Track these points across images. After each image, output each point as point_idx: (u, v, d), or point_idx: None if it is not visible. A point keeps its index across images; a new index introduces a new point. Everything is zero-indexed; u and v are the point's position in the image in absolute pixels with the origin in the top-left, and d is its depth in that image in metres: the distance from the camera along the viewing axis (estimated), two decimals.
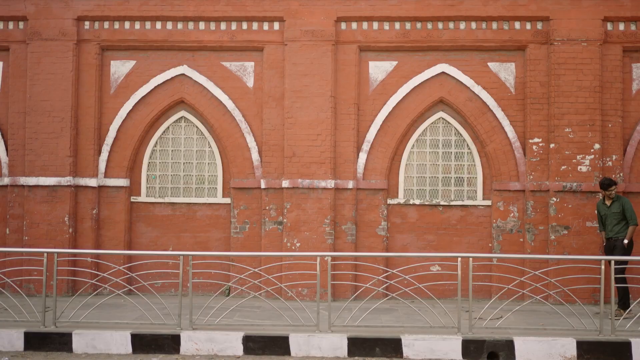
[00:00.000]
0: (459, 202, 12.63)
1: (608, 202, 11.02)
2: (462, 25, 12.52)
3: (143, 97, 12.88)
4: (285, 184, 12.36)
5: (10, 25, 12.92)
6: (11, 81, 12.90)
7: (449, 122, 12.81)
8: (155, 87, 12.89)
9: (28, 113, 12.66)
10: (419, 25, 12.54)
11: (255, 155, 12.73)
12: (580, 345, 8.51)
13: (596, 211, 11.35)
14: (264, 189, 12.53)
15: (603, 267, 8.88)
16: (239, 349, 8.71)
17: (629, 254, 10.75)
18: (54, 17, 12.71)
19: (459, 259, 9.09)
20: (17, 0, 12.77)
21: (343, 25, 12.62)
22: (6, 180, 12.78)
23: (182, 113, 13.08)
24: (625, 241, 10.73)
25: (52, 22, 12.70)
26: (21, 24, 12.90)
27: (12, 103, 12.87)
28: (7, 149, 12.92)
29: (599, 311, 8.92)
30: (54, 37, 12.69)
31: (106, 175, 12.85)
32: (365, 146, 12.59)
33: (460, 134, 12.79)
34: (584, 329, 8.91)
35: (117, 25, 12.83)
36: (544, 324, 9.57)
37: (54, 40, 12.70)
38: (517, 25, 12.45)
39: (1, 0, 12.77)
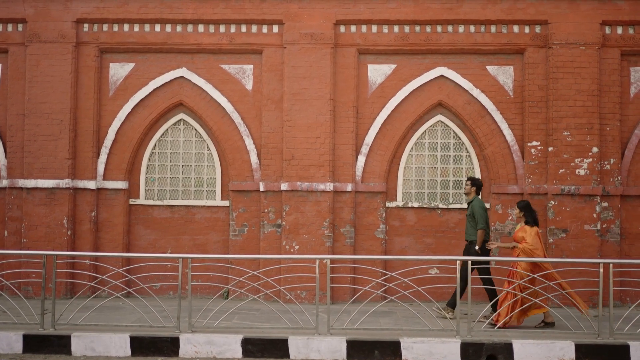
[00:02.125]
0: (458, 205, 12.64)
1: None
2: (461, 28, 12.55)
3: (142, 100, 12.89)
4: (284, 186, 12.37)
5: (9, 27, 12.92)
6: (10, 83, 12.90)
7: (447, 125, 12.84)
8: (154, 90, 12.90)
9: (27, 115, 12.65)
10: (417, 28, 12.57)
11: (254, 158, 12.73)
12: (579, 348, 8.52)
13: None
14: (263, 191, 12.53)
15: (601, 270, 8.89)
16: (237, 352, 8.70)
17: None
18: (53, 20, 12.71)
19: (458, 261, 9.10)
20: (16, 3, 12.76)
21: (342, 29, 12.64)
22: (4, 183, 12.77)
23: (181, 116, 13.09)
24: (476, 247, 10.34)
25: (51, 25, 12.70)
26: (20, 26, 12.90)
27: (11, 105, 12.86)
28: (5, 151, 12.91)
29: (598, 314, 8.93)
30: (53, 40, 12.69)
31: (105, 178, 12.85)
32: (364, 149, 12.61)
33: (459, 137, 12.81)
34: (582, 332, 8.92)
35: (116, 27, 12.83)
36: (542, 327, 9.57)
37: (52, 43, 12.70)
38: (515, 28, 12.48)
39: (0, 2, 12.76)
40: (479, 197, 10.80)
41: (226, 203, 12.87)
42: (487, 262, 10.13)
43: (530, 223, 9.92)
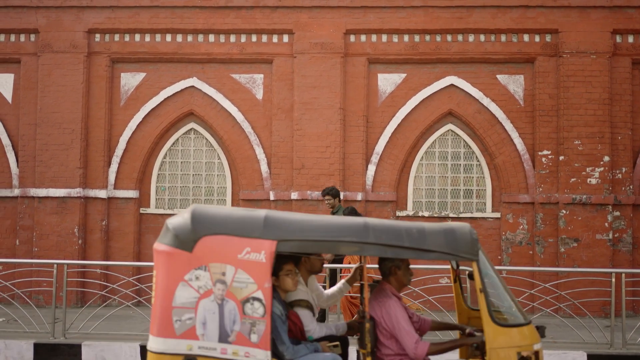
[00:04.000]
0: (468, 215, 12.60)
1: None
2: (471, 37, 12.55)
3: (153, 109, 12.94)
4: (294, 195, 12.37)
5: (22, 37, 13.03)
6: (22, 93, 12.99)
7: (457, 134, 12.82)
8: (165, 99, 12.95)
9: (38, 125, 12.74)
10: (427, 37, 12.58)
11: (264, 167, 12.75)
12: (591, 358, 8.46)
13: None
14: (273, 200, 12.54)
15: (614, 279, 8.83)
16: None
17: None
18: (65, 30, 12.81)
19: (468, 272, 9.04)
20: (29, 13, 12.88)
21: (352, 38, 12.66)
22: (16, 192, 12.84)
23: (192, 125, 13.13)
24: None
25: (63, 35, 12.80)
26: (32, 37, 13.01)
27: (23, 115, 12.95)
28: (17, 161, 12.99)
29: (610, 324, 8.86)
30: (65, 50, 12.79)
31: (116, 187, 12.90)
32: (374, 158, 12.60)
33: (469, 146, 12.78)
34: (594, 342, 8.85)
35: (127, 37, 12.92)
36: (554, 337, 9.49)
37: (64, 53, 12.79)
38: (525, 37, 12.47)
39: (13, 13, 12.89)
40: (341, 205, 10.45)
41: None
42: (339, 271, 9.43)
43: None
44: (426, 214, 12.63)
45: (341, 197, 10.87)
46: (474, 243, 4.67)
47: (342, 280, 5.88)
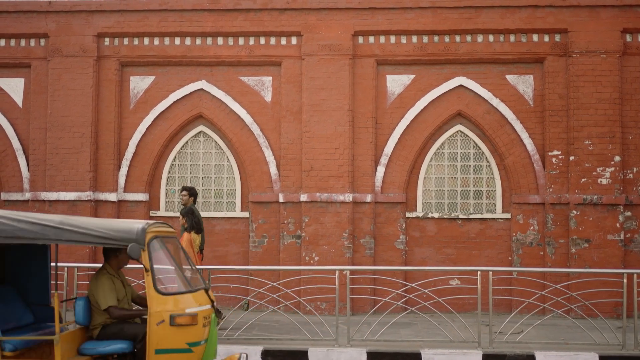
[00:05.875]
0: (478, 215, 12.56)
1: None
2: (480, 38, 12.51)
3: (162, 112, 12.98)
4: (303, 197, 12.37)
5: (32, 42, 13.10)
6: (32, 97, 13.07)
7: (467, 135, 12.78)
8: (174, 102, 12.99)
9: (49, 129, 12.80)
10: (436, 38, 12.55)
11: (273, 169, 12.76)
12: (603, 359, 8.39)
13: None
14: (282, 202, 12.54)
15: (625, 280, 8.77)
16: None
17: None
18: (74, 34, 12.88)
19: (479, 272, 9.03)
20: (39, 18, 12.95)
21: (360, 39, 12.65)
22: (27, 195, 12.91)
23: (201, 128, 13.16)
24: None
25: (73, 39, 12.86)
26: (42, 41, 13.08)
27: (33, 119, 13.03)
28: (28, 164, 13.06)
29: (622, 325, 8.80)
30: (75, 54, 12.85)
31: (126, 190, 12.94)
32: (383, 159, 12.58)
33: (479, 147, 12.74)
34: (606, 343, 8.80)
35: (136, 41, 12.96)
36: (565, 339, 9.45)
37: (74, 57, 12.85)
38: (535, 37, 12.42)
39: (23, 18, 12.97)
40: (195, 205, 10.82)
41: (246, 214, 12.90)
42: None
43: (188, 229, 9.85)
44: (436, 215, 12.60)
45: (197, 198, 11.18)
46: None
47: None
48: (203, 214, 12.97)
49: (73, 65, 12.85)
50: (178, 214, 12.88)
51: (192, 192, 10.84)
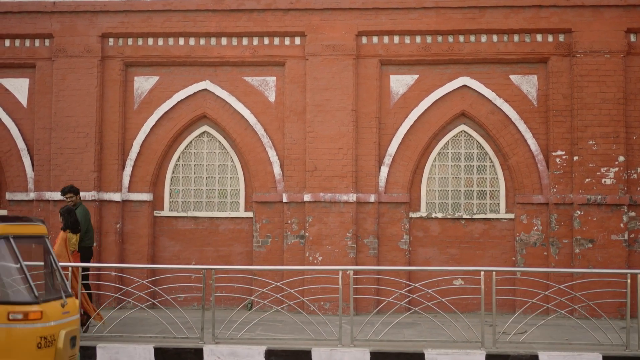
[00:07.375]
0: (482, 216, 12.55)
1: None
2: (484, 38, 12.51)
3: (166, 112, 13.01)
4: (307, 197, 12.38)
5: (37, 42, 13.14)
6: (37, 97, 13.10)
7: (470, 135, 12.77)
8: (178, 103, 13.01)
9: (53, 129, 12.84)
10: (439, 38, 12.56)
11: (277, 169, 12.77)
12: None
13: None
14: (286, 202, 12.56)
15: (629, 280, 8.76)
16: None
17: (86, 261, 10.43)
18: (79, 35, 12.91)
19: (482, 272, 9.03)
20: (43, 18, 12.99)
21: (364, 40, 12.66)
22: (32, 195, 12.95)
23: (205, 128, 13.19)
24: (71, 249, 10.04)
25: (77, 39, 12.90)
26: (47, 41, 13.11)
27: (38, 119, 13.07)
28: (32, 164, 13.10)
29: (625, 326, 8.79)
30: (79, 54, 12.89)
31: (130, 190, 12.98)
32: (387, 160, 12.59)
33: (483, 147, 12.74)
34: (610, 343, 8.78)
35: (140, 41, 12.99)
36: (569, 339, 9.46)
37: (78, 57, 12.89)
38: (539, 37, 12.41)
39: (27, 18, 13.00)
40: (81, 203, 10.84)
41: (250, 214, 12.92)
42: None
43: (63, 228, 9.89)
44: (439, 215, 12.60)
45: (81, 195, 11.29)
46: None
47: None
48: (207, 214, 13.02)
49: (77, 66, 12.89)
50: (181, 214, 12.96)
51: (75, 191, 10.81)
